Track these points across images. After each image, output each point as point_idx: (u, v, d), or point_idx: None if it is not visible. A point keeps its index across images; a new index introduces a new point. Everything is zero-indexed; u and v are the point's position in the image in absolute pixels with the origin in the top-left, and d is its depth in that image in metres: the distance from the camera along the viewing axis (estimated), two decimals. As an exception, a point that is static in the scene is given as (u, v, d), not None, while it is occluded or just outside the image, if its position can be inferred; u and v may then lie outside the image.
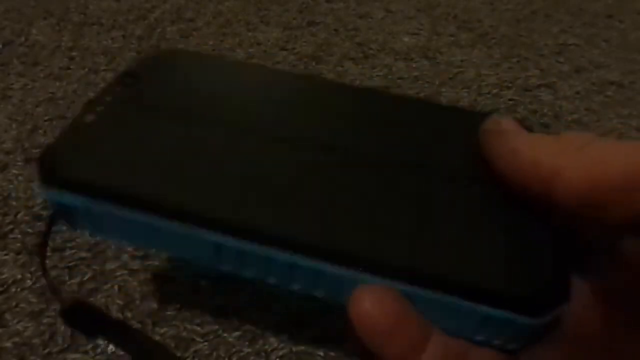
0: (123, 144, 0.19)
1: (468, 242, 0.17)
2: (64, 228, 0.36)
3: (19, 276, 0.33)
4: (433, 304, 0.16)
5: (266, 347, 0.30)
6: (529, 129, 0.18)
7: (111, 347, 0.29)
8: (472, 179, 0.18)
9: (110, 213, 0.18)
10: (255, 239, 0.17)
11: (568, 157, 0.14)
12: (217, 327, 0.31)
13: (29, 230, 0.35)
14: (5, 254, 0.34)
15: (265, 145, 0.19)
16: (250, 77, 0.23)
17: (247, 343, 0.30)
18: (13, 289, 0.32)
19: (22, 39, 0.57)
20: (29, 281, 0.32)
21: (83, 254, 0.34)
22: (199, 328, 0.31)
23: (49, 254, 0.34)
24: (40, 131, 0.44)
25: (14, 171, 0.40)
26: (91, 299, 0.32)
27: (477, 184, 0.18)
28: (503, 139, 0.16)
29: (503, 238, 0.17)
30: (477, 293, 0.16)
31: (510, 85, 0.53)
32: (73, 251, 0.34)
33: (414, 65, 0.55)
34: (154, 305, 0.32)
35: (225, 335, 0.30)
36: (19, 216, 0.36)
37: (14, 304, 0.31)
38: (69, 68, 0.52)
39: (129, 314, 0.31)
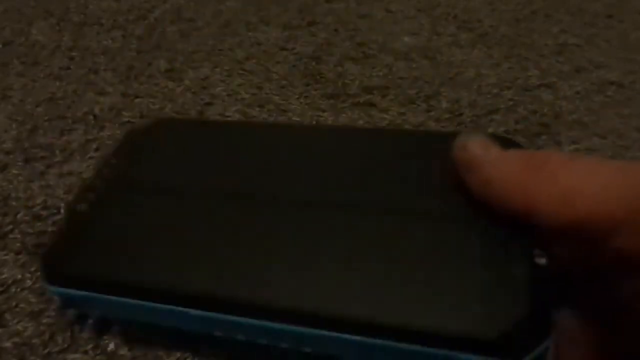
0: (115, 232, 0.19)
1: (433, 284, 0.16)
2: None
3: (19, 276, 0.33)
4: (402, 354, 0.15)
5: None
6: (507, 140, 0.17)
7: (111, 347, 0.29)
8: (441, 213, 0.17)
9: (111, 301, 0.18)
10: (242, 314, 0.17)
11: (540, 187, 0.14)
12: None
13: (29, 230, 0.35)
14: (5, 254, 0.34)
15: (258, 212, 0.19)
16: (231, 138, 0.22)
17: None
18: (13, 289, 0.32)
19: (22, 39, 0.57)
20: (29, 281, 0.32)
21: (83, 254, 0.34)
22: (199, 328, 0.31)
23: (49, 254, 0.34)
24: (40, 131, 0.44)
25: (14, 171, 0.40)
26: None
27: (447, 218, 0.17)
28: (474, 168, 0.16)
29: (472, 276, 0.16)
30: (446, 340, 0.15)
31: (510, 85, 0.53)
32: (73, 251, 0.34)
33: (414, 65, 0.55)
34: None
35: (225, 335, 0.30)
36: (19, 216, 0.36)
37: (14, 304, 0.31)
38: (69, 68, 0.52)
39: (129, 314, 0.31)
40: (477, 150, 0.16)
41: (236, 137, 0.22)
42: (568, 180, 0.14)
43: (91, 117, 0.46)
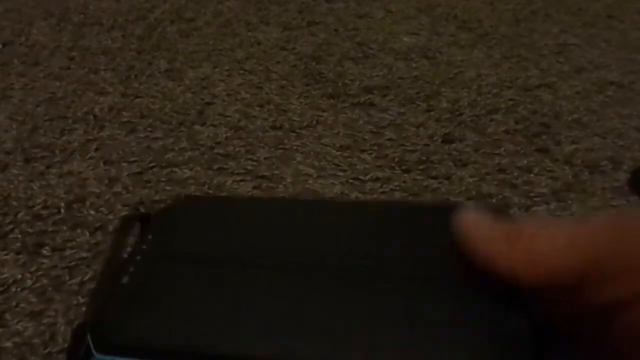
0: (161, 302, 0.21)
1: (438, 343, 0.18)
2: (64, 227, 0.36)
3: (19, 276, 0.33)
4: None
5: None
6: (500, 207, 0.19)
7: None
8: (445, 280, 0.20)
9: None
10: None
11: (518, 257, 0.17)
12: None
13: (29, 230, 0.35)
14: (6, 254, 0.34)
15: (278, 279, 0.21)
16: (257, 213, 0.24)
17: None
18: (13, 289, 0.32)
19: (22, 39, 0.57)
20: (29, 281, 0.32)
21: (83, 254, 0.34)
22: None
23: (49, 253, 0.34)
24: (40, 131, 0.44)
25: (14, 171, 0.40)
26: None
27: (449, 285, 0.20)
28: (468, 244, 0.19)
29: (477, 335, 0.18)
30: None
31: (510, 85, 0.53)
32: (73, 251, 0.34)
33: (414, 65, 0.55)
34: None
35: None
36: (19, 216, 0.36)
37: (14, 304, 0.31)
38: (69, 68, 0.52)
39: (129, 314, 0.31)
40: (471, 228, 0.19)
41: (257, 212, 0.24)
42: (538, 248, 0.17)
43: (91, 117, 0.46)
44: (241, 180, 0.40)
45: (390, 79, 0.53)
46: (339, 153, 0.43)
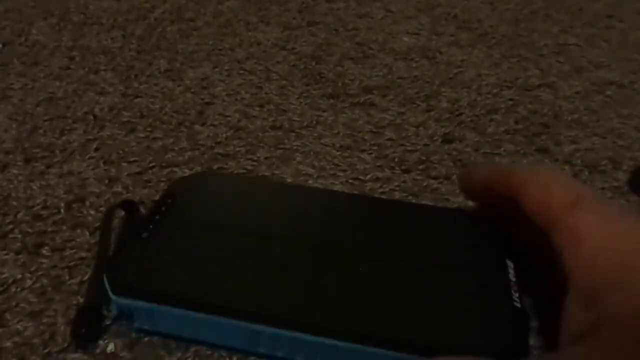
0: (176, 256, 0.23)
1: (445, 315, 0.20)
2: (64, 227, 0.36)
3: (19, 276, 0.33)
4: None
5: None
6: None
7: (110, 348, 0.29)
8: (441, 266, 0.22)
9: (169, 314, 0.21)
10: (286, 326, 0.20)
11: (525, 183, 0.19)
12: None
13: (29, 230, 0.35)
14: (6, 254, 0.34)
15: (287, 250, 0.23)
16: (267, 193, 0.27)
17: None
18: (13, 289, 0.32)
19: (22, 39, 0.57)
20: (29, 281, 0.32)
21: (83, 254, 0.34)
22: (199, 328, 0.30)
23: (49, 253, 0.34)
24: (40, 131, 0.44)
25: (14, 171, 0.40)
26: (91, 298, 0.32)
27: (445, 270, 0.22)
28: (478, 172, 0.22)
29: (470, 309, 0.20)
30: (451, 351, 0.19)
31: (510, 85, 0.53)
32: (73, 251, 0.34)
33: (414, 65, 0.55)
34: (154, 305, 0.32)
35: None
36: (19, 216, 0.36)
37: (14, 303, 0.31)
38: (69, 68, 0.52)
39: (129, 314, 0.31)
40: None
41: (273, 191, 0.27)
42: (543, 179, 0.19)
43: (91, 117, 0.46)
44: (241, 180, 0.40)
45: (390, 79, 0.53)
46: (339, 153, 0.43)
